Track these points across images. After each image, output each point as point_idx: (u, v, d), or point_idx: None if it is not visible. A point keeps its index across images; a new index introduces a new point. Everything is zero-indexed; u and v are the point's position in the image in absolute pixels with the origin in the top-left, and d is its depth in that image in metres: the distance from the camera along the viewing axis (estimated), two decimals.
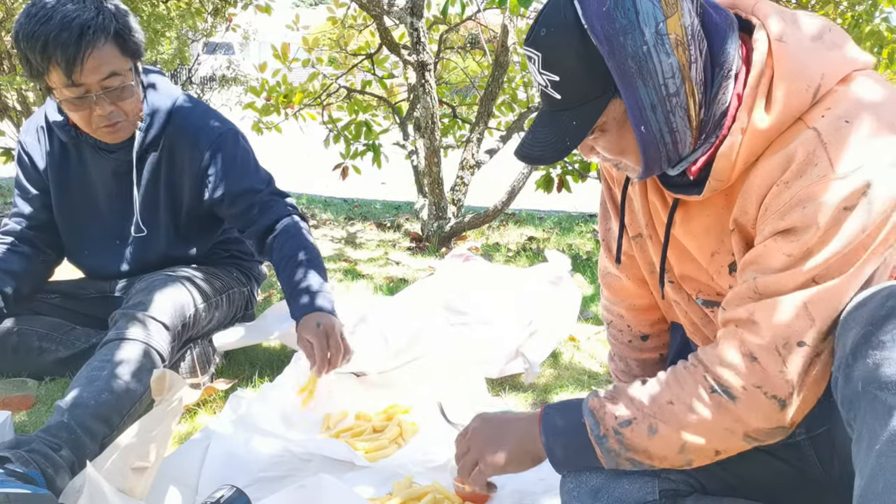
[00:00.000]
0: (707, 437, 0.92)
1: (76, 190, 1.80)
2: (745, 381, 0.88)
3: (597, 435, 0.98)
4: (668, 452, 0.95)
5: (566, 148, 0.93)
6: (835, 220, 0.83)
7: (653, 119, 0.90)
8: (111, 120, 1.60)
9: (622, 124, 0.92)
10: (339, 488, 1.16)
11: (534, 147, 0.97)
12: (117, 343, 1.50)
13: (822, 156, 0.83)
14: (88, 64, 1.50)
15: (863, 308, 0.82)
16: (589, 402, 1.01)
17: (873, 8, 3.33)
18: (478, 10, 4.13)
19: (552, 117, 0.94)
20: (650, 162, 0.94)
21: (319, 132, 4.21)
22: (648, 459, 0.97)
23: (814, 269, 0.85)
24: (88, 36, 1.48)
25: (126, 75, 1.58)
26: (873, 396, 0.77)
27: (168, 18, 4.13)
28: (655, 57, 0.87)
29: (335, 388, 1.73)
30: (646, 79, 0.88)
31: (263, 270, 2.14)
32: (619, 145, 0.95)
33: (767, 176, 0.88)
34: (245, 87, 6.71)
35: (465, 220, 3.45)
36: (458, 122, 4.43)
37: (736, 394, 0.89)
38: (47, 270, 1.90)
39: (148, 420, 1.29)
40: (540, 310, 2.12)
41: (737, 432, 0.91)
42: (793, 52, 0.88)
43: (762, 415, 0.89)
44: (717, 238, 1.00)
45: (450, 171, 3.49)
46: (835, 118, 0.85)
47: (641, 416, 0.95)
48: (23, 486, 1.12)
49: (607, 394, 1.01)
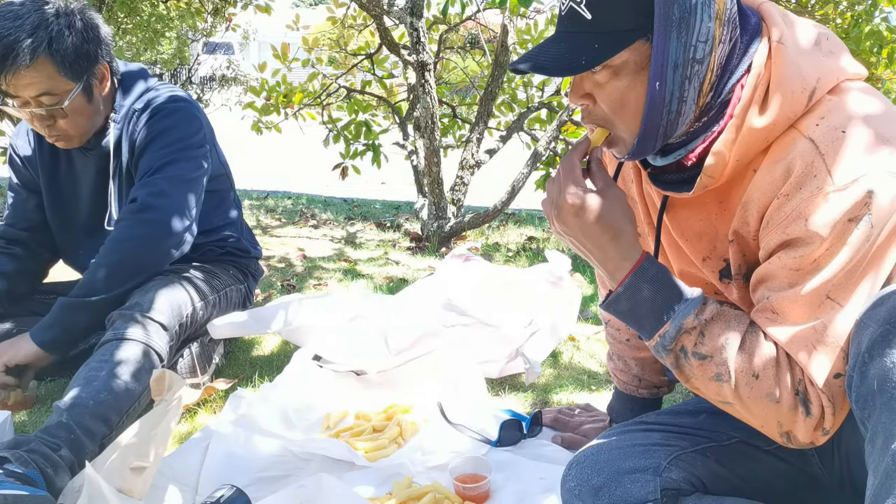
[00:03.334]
0: (756, 416, 0.92)
1: (66, 190, 1.81)
2: (824, 402, 0.88)
3: (664, 344, 0.94)
4: (711, 395, 0.94)
5: (579, 66, 0.87)
6: (840, 232, 0.83)
7: (670, 78, 0.88)
8: (49, 134, 1.61)
9: (637, 73, 0.89)
10: (338, 488, 1.16)
11: (539, 57, 0.91)
12: (116, 343, 1.49)
13: (821, 167, 0.84)
14: (15, 80, 1.51)
15: (880, 307, 0.82)
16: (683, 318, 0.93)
17: (873, 8, 3.33)
18: (478, 10, 4.13)
19: (572, 36, 0.90)
20: (649, 127, 0.91)
21: (319, 132, 4.21)
22: (687, 382, 0.96)
23: (825, 285, 0.85)
24: (10, 59, 1.48)
25: (61, 96, 1.56)
26: (890, 395, 0.77)
27: (168, 18, 4.13)
28: (699, 15, 0.86)
29: (335, 387, 1.73)
30: (681, 32, 0.86)
31: (261, 267, 2.13)
32: (623, 95, 0.90)
33: (768, 188, 0.89)
34: (245, 87, 6.71)
35: (464, 219, 3.45)
36: (457, 122, 4.43)
37: (814, 412, 0.89)
38: (41, 270, 1.91)
39: (147, 420, 1.29)
40: (540, 310, 2.12)
41: (784, 427, 0.91)
42: (791, 54, 0.88)
43: (810, 435, 0.90)
44: (709, 244, 1.01)
45: (449, 171, 3.49)
46: (830, 128, 0.85)
47: (720, 361, 0.91)
48: (21, 487, 1.12)
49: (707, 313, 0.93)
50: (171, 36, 4.51)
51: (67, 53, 1.54)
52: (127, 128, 1.74)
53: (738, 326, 0.93)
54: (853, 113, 0.86)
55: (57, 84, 1.55)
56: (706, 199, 0.98)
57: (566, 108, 3.42)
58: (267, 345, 2.10)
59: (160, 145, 1.70)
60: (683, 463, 1.05)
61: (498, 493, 1.34)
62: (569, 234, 0.97)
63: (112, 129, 1.71)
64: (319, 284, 2.77)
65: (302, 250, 3.41)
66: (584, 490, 1.04)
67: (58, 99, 1.56)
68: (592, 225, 0.94)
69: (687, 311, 0.93)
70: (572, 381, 1.89)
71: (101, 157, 1.75)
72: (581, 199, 0.94)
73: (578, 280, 2.85)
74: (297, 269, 3.04)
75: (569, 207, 0.94)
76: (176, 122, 1.73)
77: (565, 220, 0.96)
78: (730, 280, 1.01)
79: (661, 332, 0.94)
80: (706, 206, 0.99)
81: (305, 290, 2.68)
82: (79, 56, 1.57)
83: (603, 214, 0.94)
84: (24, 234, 1.83)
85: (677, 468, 1.04)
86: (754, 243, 0.94)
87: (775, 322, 0.90)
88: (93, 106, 1.65)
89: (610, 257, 0.96)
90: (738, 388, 0.91)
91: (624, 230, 0.95)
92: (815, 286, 0.86)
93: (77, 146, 1.70)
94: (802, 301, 0.87)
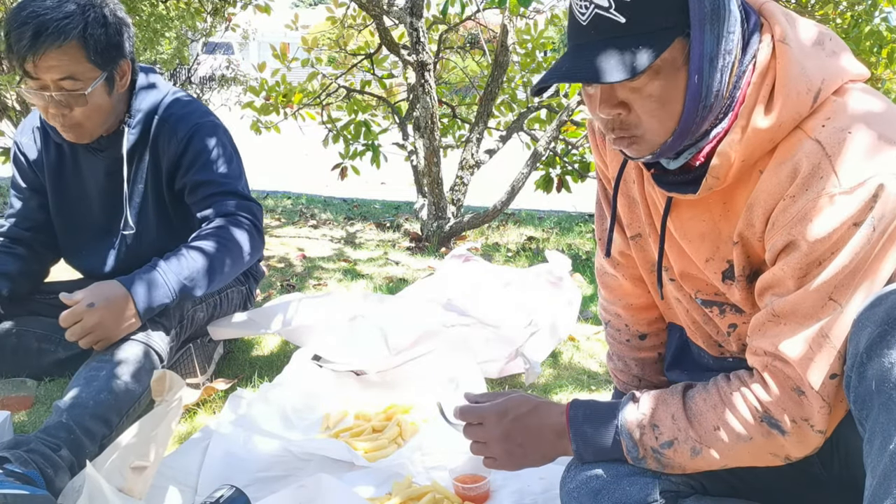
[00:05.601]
0: (750, 459, 0.95)
1: (71, 190, 1.80)
2: (795, 414, 0.90)
3: (634, 456, 1.01)
4: (706, 467, 0.98)
5: (631, 70, 0.83)
6: (843, 234, 0.83)
7: (707, 71, 0.87)
8: (63, 123, 1.61)
9: (677, 70, 0.86)
10: (338, 488, 1.16)
11: (579, 67, 0.86)
12: (116, 343, 1.49)
13: (828, 168, 0.83)
14: (42, 62, 1.50)
15: (877, 307, 0.83)
16: (626, 420, 1.01)
17: (873, 8, 3.34)
18: (477, 10, 4.13)
19: (606, 43, 0.85)
20: (686, 123, 0.89)
21: (319, 132, 4.21)
22: (682, 470, 1.00)
23: (826, 286, 0.86)
24: (44, 36, 1.48)
25: (85, 82, 1.56)
26: (888, 396, 0.77)
27: (168, 18, 4.13)
28: (728, 4, 0.86)
29: (335, 387, 1.73)
30: (714, 24, 0.86)
31: (262, 269, 2.13)
32: (664, 96, 0.87)
33: (774, 190, 0.89)
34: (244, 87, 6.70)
35: (464, 219, 3.45)
36: (457, 122, 4.43)
37: (786, 428, 0.91)
38: (43, 270, 1.90)
39: (148, 420, 1.29)
40: (540, 310, 2.12)
41: (779, 456, 0.94)
42: (795, 54, 0.88)
43: (807, 445, 0.92)
44: (713, 245, 1.01)
45: (449, 171, 3.49)
46: (836, 130, 0.85)
47: (684, 438, 0.97)
48: (21, 486, 1.12)
49: (644, 407, 1.01)
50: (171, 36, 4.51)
51: (99, 41, 1.55)
52: (148, 136, 1.73)
53: (675, 399, 0.99)
54: (858, 114, 0.86)
55: (83, 70, 1.55)
56: (710, 200, 0.98)
57: (566, 109, 3.42)
58: (267, 345, 2.10)
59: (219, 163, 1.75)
60: None
61: (498, 493, 1.35)
62: (513, 441, 1.07)
63: (127, 133, 1.71)
64: (319, 284, 2.77)
65: (302, 250, 3.41)
66: (584, 492, 1.04)
67: (81, 85, 1.56)
68: (514, 421, 1.07)
69: (625, 416, 1.01)
70: (572, 381, 1.90)
71: (114, 160, 1.74)
72: (488, 410, 1.08)
73: (578, 280, 2.85)
74: (297, 269, 3.04)
75: (494, 424, 1.08)
76: (220, 138, 1.77)
77: (502, 431, 1.07)
78: (732, 281, 1.01)
79: (626, 449, 1.01)
80: (710, 207, 0.99)
81: (305, 290, 2.68)
82: (109, 45, 1.58)
83: (509, 407, 1.08)
84: (27, 233, 1.83)
85: None
86: (759, 245, 0.94)
87: (777, 325, 0.90)
88: (111, 100, 1.65)
89: (545, 434, 1.06)
90: (715, 448, 0.95)
91: (539, 406, 1.07)
92: (818, 287, 0.86)
93: (86, 142, 1.68)
94: (805, 304, 0.87)
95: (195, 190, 1.73)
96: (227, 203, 1.70)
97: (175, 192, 1.77)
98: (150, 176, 1.76)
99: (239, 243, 1.67)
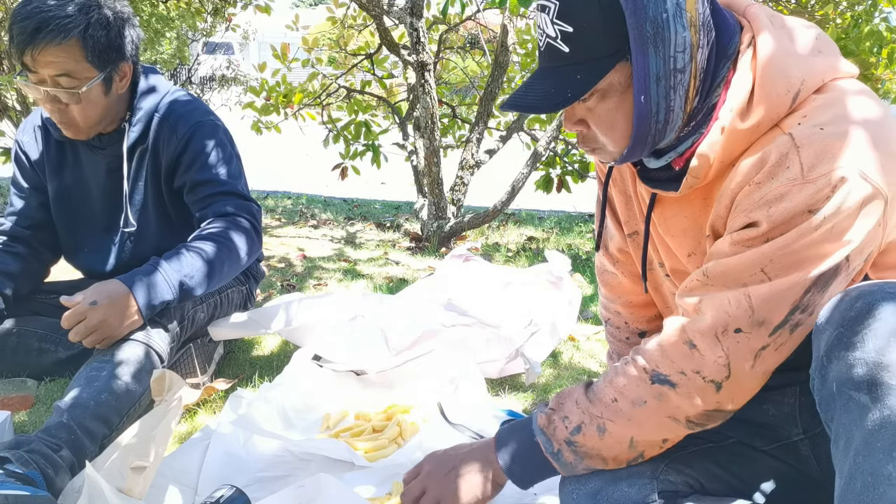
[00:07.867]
0: (652, 427, 0.96)
1: (72, 188, 1.80)
2: (685, 366, 0.91)
3: (551, 452, 1.02)
4: (619, 450, 0.99)
5: (566, 100, 0.90)
6: (794, 218, 0.84)
7: (654, 91, 0.90)
8: (60, 119, 1.61)
9: (622, 92, 0.91)
10: (338, 488, 1.16)
11: (526, 97, 0.93)
12: (116, 343, 1.49)
13: (795, 159, 0.85)
14: (41, 56, 1.51)
15: (835, 310, 0.83)
16: (538, 421, 1.04)
17: (873, 8, 3.33)
18: (477, 10, 4.13)
19: (553, 72, 0.92)
20: (638, 139, 0.93)
21: (319, 132, 4.21)
22: (603, 463, 1.01)
23: (762, 258, 0.87)
24: (44, 32, 1.49)
25: (81, 81, 1.56)
26: (848, 397, 0.78)
27: (168, 18, 4.14)
28: (672, 26, 0.87)
29: (335, 387, 1.73)
30: (658, 47, 0.88)
31: (262, 269, 2.14)
32: (613, 116, 0.93)
33: (742, 178, 0.90)
34: (245, 87, 6.71)
35: (464, 219, 3.45)
36: (457, 122, 4.43)
37: (675, 380, 0.92)
38: (44, 269, 1.90)
39: (148, 420, 1.29)
40: (540, 310, 2.12)
41: (679, 419, 0.95)
42: (777, 56, 0.89)
43: (700, 398, 0.92)
44: (694, 240, 1.03)
45: (449, 171, 3.49)
46: (810, 126, 0.86)
47: (589, 419, 0.99)
48: (22, 487, 1.12)
49: (553, 404, 1.04)
50: (171, 36, 4.51)
51: (99, 41, 1.55)
52: (148, 134, 1.73)
53: (579, 387, 1.03)
54: (836, 112, 0.87)
55: (80, 69, 1.56)
56: (692, 195, 1.00)
57: None
58: (267, 345, 2.10)
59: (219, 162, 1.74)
60: (680, 465, 1.05)
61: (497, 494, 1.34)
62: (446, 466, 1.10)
63: (128, 131, 1.71)
64: (319, 284, 2.77)
65: (302, 250, 3.41)
66: (582, 493, 1.04)
67: (77, 83, 1.56)
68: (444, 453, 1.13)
69: (538, 416, 1.04)
70: (572, 382, 1.90)
71: (114, 158, 1.74)
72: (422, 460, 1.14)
73: (578, 280, 2.85)
74: (297, 269, 3.05)
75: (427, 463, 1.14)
76: (220, 138, 1.77)
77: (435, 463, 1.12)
78: None
79: (543, 447, 1.03)
80: (692, 203, 1.01)
81: (305, 290, 2.68)
82: (110, 47, 1.58)
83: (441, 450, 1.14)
84: (27, 232, 1.83)
85: (674, 470, 1.04)
86: (723, 232, 0.96)
87: (704, 286, 0.92)
88: (108, 100, 1.65)
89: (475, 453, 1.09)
90: (617, 422, 0.97)
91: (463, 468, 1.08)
92: (753, 257, 0.88)
93: (83, 139, 1.69)
94: (737, 269, 0.89)
95: (194, 189, 1.73)
96: (227, 203, 1.71)
97: (174, 191, 1.77)
98: (150, 174, 1.76)
99: (237, 244, 1.67)
